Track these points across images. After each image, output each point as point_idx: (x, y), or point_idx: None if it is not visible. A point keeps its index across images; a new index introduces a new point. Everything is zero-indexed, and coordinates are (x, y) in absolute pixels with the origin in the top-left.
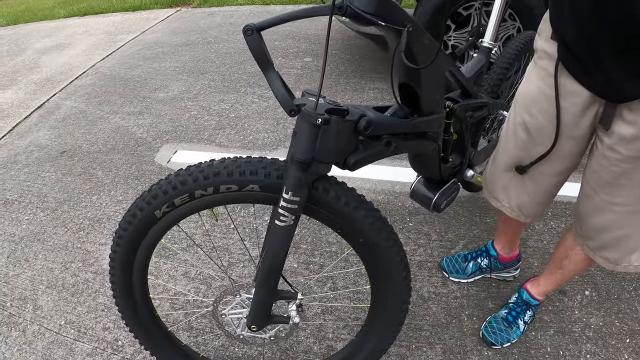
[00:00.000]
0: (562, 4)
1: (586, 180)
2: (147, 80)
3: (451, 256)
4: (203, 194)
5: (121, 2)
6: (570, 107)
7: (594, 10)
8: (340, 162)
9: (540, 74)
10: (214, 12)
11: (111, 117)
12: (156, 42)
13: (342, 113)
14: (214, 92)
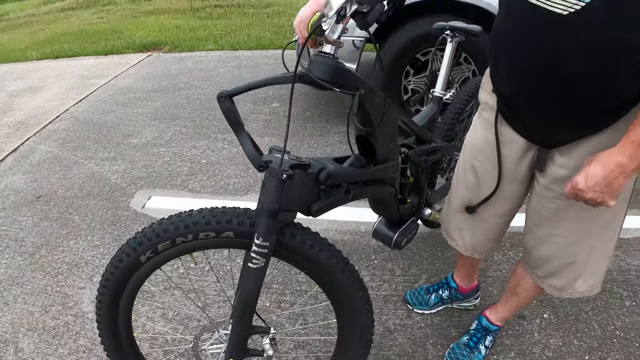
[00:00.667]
0: (498, 62)
1: (529, 216)
2: (120, 126)
3: (414, 289)
4: (183, 241)
5: (93, 45)
6: (510, 153)
7: (521, 69)
8: (305, 209)
9: (484, 124)
10: (184, 57)
11: (86, 163)
12: (128, 87)
13: (304, 167)
14: (186, 139)
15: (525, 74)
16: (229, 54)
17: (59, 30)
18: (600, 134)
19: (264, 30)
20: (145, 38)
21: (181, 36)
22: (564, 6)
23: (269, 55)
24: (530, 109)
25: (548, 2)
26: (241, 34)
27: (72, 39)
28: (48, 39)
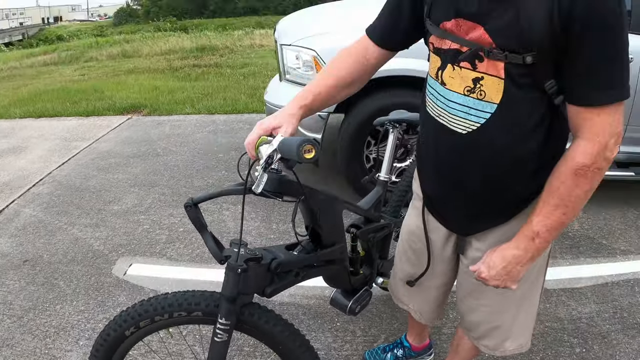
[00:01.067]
0: (420, 162)
1: (458, 288)
2: (101, 192)
3: (373, 349)
4: (161, 319)
5: (75, 106)
6: (436, 238)
7: (434, 177)
8: (260, 292)
9: (415, 212)
10: (162, 121)
11: (69, 229)
12: (109, 151)
13: (257, 260)
14: (164, 206)
15: (437, 181)
16: (205, 118)
17: (42, 86)
18: (507, 223)
19: (240, 93)
20: (125, 100)
21: (160, 99)
22: (463, 126)
23: (243, 119)
24: (445, 206)
25: (451, 123)
26: (217, 97)
27: (55, 97)
28: (31, 96)
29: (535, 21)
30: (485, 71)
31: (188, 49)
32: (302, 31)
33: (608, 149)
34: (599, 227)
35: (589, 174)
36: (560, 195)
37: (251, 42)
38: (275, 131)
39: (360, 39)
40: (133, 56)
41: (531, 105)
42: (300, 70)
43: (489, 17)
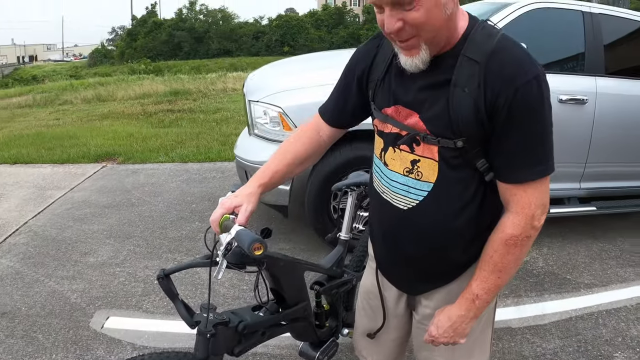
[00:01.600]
0: (370, 228)
1: (413, 341)
2: (77, 244)
3: None
4: None
5: (50, 153)
6: (389, 296)
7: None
8: (229, 352)
9: (370, 271)
10: (137, 169)
11: (46, 281)
12: (84, 201)
13: (225, 324)
14: (139, 258)
15: (383, 247)
16: (179, 167)
17: (17, 130)
18: (451, 284)
19: (213, 140)
20: (100, 147)
21: (134, 146)
22: (404, 203)
23: (216, 168)
24: (392, 270)
25: (393, 199)
26: (191, 145)
27: (30, 142)
28: (6, 141)
29: (463, 111)
30: (422, 154)
31: (162, 93)
32: (269, 88)
33: (535, 219)
34: (563, 263)
35: (519, 243)
36: (494, 262)
37: (224, 86)
38: (237, 209)
39: (315, 116)
40: (107, 100)
41: (464, 183)
42: (267, 126)
43: (423, 107)
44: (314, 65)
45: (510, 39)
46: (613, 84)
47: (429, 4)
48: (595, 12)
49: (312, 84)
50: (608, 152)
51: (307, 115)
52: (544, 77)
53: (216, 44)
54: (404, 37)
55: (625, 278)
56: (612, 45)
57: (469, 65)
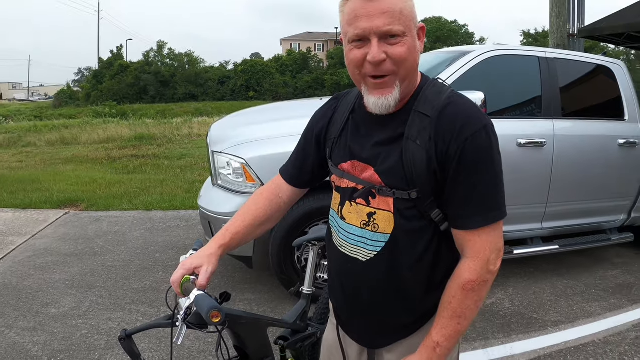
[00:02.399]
0: (330, 280)
1: None
2: (39, 293)
3: None
4: None
5: (12, 197)
6: (351, 351)
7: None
8: None
9: (332, 327)
10: (100, 217)
11: (7, 332)
12: (46, 249)
13: None
14: (102, 310)
15: (343, 301)
16: (142, 215)
17: None
18: (413, 336)
19: (177, 188)
20: (63, 192)
21: (98, 193)
22: (362, 255)
23: (180, 216)
24: (352, 323)
25: (352, 252)
26: (155, 192)
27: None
28: None
29: (416, 163)
30: (378, 206)
31: (127, 138)
32: (232, 139)
33: (490, 263)
34: (530, 302)
35: (476, 287)
36: (453, 308)
37: (189, 131)
38: (198, 270)
39: (276, 177)
40: (72, 143)
41: (420, 233)
42: (231, 177)
43: (377, 160)
44: (277, 116)
45: (459, 94)
46: (570, 126)
47: (410, 42)
48: (550, 57)
49: (274, 135)
50: (568, 191)
51: (270, 167)
52: (491, 127)
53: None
54: (381, 71)
55: (592, 313)
56: (567, 87)
57: (420, 120)
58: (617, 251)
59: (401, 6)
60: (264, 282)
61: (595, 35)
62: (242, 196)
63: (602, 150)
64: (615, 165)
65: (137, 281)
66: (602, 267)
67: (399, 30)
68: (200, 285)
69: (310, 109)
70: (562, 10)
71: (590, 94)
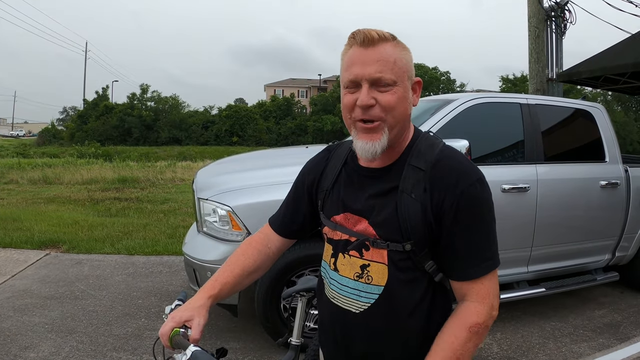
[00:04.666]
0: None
1: None
2: (17, 336)
3: None
4: None
5: None
6: None
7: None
8: None
9: None
10: (81, 260)
11: None
12: (26, 290)
13: None
14: (82, 356)
15: (333, 350)
16: (125, 259)
17: None
18: None
19: (160, 233)
20: (44, 233)
21: (79, 235)
22: (356, 307)
23: (163, 262)
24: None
25: (345, 304)
26: (138, 236)
27: None
28: None
29: (411, 215)
30: (371, 258)
31: (110, 180)
32: (218, 186)
33: (494, 308)
34: (518, 346)
35: (481, 331)
36: (454, 349)
37: (173, 175)
38: (189, 323)
39: (264, 226)
40: (54, 183)
41: (414, 285)
42: (216, 224)
43: (371, 212)
44: (263, 163)
45: (450, 147)
46: (552, 169)
47: (401, 92)
48: (532, 103)
49: (261, 183)
50: (552, 234)
51: (257, 215)
52: (484, 179)
53: (166, 132)
54: (370, 115)
55: (581, 354)
56: (549, 132)
57: (414, 173)
58: (603, 290)
59: (396, 57)
60: (248, 330)
61: (574, 79)
62: (227, 244)
63: (584, 193)
64: (598, 206)
65: (119, 327)
66: (589, 307)
67: (389, 79)
68: (194, 340)
69: (296, 158)
70: (540, 56)
71: (571, 138)
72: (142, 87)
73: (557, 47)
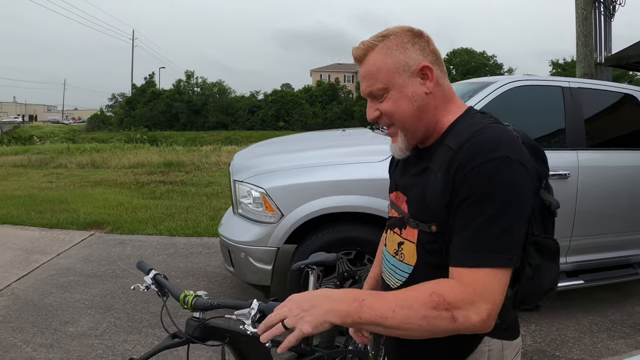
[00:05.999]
0: None
1: None
2: (58, 311)
3: None
4: None
5: (40, 216)
6: None
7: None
8: None
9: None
10: (124, 240)
11: (24, 347)
12: (69, 268)
13: None
14: (119, 332)
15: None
16: (166, 240)
17: (9, 190)
18: None
19: (202, 215)
20: (89, 215)
21: (124, 216)
22: (393, 282)
23: (203, 243)
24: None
25: (387, 278)
26: (180, 218)
27: (21, 203)
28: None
29: (435, 195)
30: (406, 237)
31: (156, 164)
32: (253, 168)
33: (474, 306)
34: (552, 339)
35: (439, 311)
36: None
37: (218, 159)
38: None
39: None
40: (101, 167)
41: (439, 269)
42: (251, 206)
43: (409, 190)
44: (299, 146)
45: (495, 126)
46: (594, 157)
47: (395, 96)
48: (574, 87)
49: (295, 166)
50: (593, 224)
51: (290, 197)
52: (516, 163)
53: (213, 117)
54: (383, 124)
55: (617, 350)
56: (592, 117)
57: (445, 152)
58: None
59: (379, 64)
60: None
61: (623, 63)
62: (261, 225)
63: (628, 181)
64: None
65: (157, 305)
66: (630, 303)
67: (378, 89)
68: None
69: (331, 141)
70: (588, 39)
71: (616, 123)
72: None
73: (605, 30)
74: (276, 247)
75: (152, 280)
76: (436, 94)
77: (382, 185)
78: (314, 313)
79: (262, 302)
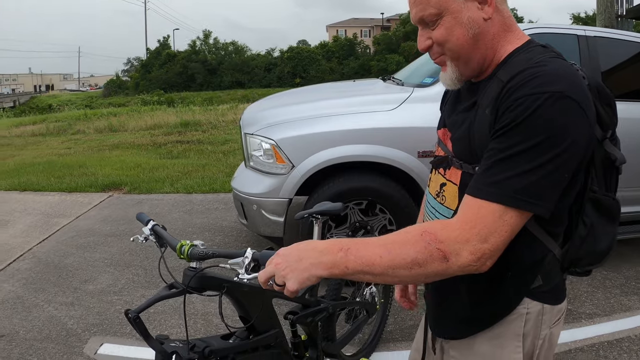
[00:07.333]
0: None
1: None
2: (78, 271)
3: None
4: None
5: (59, 182)
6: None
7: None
8: None
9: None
10: (142, 199)
11: (45, 306)
12: (89, 229)
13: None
14: (137, 287)
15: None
16: (183, 198)
17: (28, 158)
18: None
19: (218, 172)
20: (107, 177)
21: (141, 176)
22: None
23: (219, 199)
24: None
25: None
26: (196, 176)
27: (40, 170)
28: (17, 168)
29: (481, 133)
30: (449, 178)
31: (172, 124)
32: (263, 120)
33: (469, 244)
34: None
35: (430, 247)
36: (392, 240)
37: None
38: None
39: None
40: (119, 130)
41: None
42: (262, 158)
43: (455, 128)
44: (308, 98)
45: (558, 60)
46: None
47: (449, 23)
48: (590, 35)
49: (306, 116)
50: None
51: (300, 148)
52: (567, 100)
53: (229, 76)
54: (433, 54)
55: (630, 307)
56: (610, 67)
57: (496, 86)
58: None
59: None
60: None
61: None
62: (273, 177)
63: None
64: None
65: (173, 260)
66: None
67: (430, 15)
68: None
69: (342, 91)
70: None
71: (636, 76)
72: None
73: None
74: (288, 198)
75: (150, 231)
76: (495, 20)
77: (392, 134)
78: (299, 268)
79: (257, 251)
